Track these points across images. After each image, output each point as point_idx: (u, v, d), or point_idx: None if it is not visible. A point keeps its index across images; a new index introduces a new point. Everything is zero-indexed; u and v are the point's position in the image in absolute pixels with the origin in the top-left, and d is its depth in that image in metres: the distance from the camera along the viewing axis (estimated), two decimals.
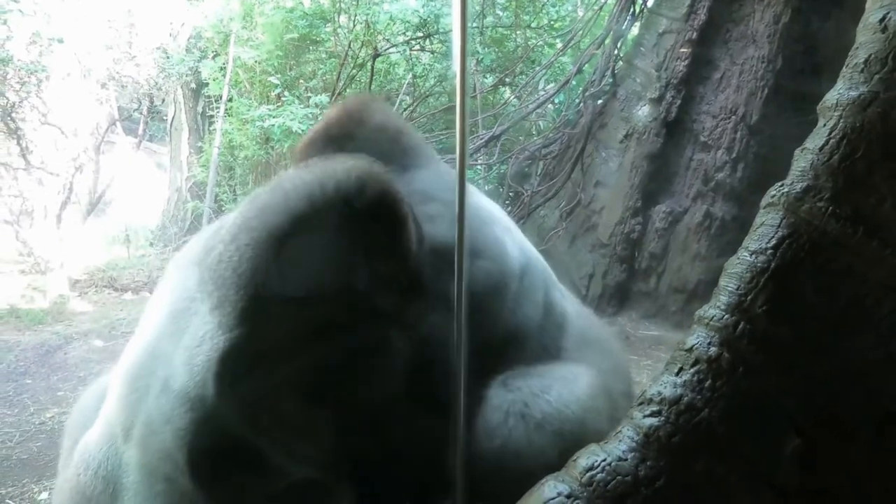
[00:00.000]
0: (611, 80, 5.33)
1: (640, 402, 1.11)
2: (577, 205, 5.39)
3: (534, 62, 6.35)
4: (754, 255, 1.09)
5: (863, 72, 1.09)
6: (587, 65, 5.69)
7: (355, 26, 5.95)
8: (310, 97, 5.64)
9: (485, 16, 6.18)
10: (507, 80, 6.45)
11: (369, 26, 5.80)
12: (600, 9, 5.72)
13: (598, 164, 5.38)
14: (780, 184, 1.14)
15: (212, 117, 6.77)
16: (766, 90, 4.81)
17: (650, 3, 5.40)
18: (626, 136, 5.21)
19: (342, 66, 5.89)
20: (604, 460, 1.07)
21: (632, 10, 5.25)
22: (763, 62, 4.79)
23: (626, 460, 1.05)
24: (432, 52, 6.29)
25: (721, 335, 1.08)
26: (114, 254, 6.47)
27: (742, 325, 1.07)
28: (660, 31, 5.19)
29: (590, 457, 1.09)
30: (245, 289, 1.13)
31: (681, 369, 1.09)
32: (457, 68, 1.25)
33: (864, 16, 1.15)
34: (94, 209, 6.46)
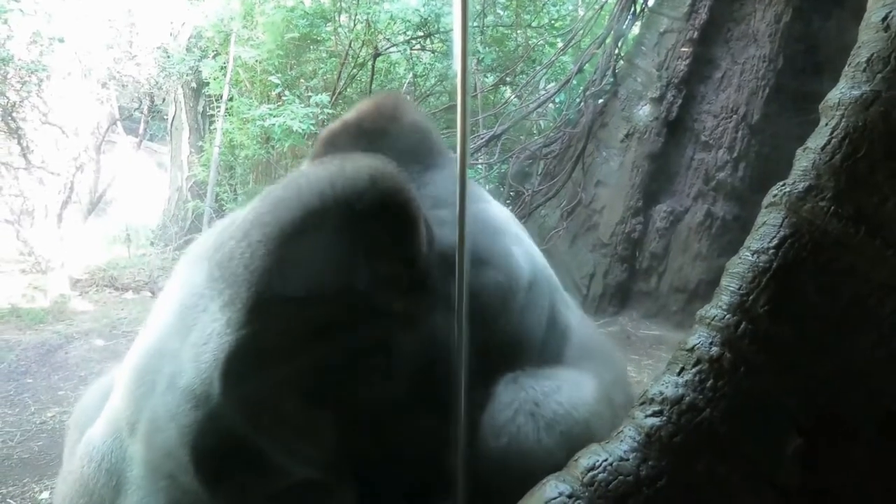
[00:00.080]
0: (612, 79, 5.33)
1: (642, 402, 1.11)
2: (578, 204, 5.39)
3: (534, 61, 6.35)
4: (756, 255, 1.09)
5: (865, 71, 1.09)
6: (588, 64, 5.69)
7: (356, 25, 5.96)
8: (310, 96, 5.65)
9: (486, 15, 6.18)
10: (507, 79, 6.46)
11: (370, 25, 5.80)
12: (601, 8, 5.72)
13: (599, 164, 5.38)
14: (781, 183, 1.13)
15: (212, 117, 6.77)
16: (768, 89, 4.81)
17: (651, 2, 5.41)
18: (627, 136, 5.21)
19: (343, 65, 5.89)
20: (605, 460, 1.06)
21: (633, 9, 5.26)
22: (764, 61, 4.79)
23: (628, 460, 1.05)
24: (433, 52, 6.30)
25: (723, 335, 1.08)
26: (114, 253, 6.47)
27: (744, 324, 1.06)
28: (661, 30, 5.18)
29: (591, 456, 1.09)
30: (256, 286, 1.11)
31: (682, 369, 1.09)
32: (458, 67, 1.24)
33: (865, 15, 1.14)
34: (95, 208, 6.46)
